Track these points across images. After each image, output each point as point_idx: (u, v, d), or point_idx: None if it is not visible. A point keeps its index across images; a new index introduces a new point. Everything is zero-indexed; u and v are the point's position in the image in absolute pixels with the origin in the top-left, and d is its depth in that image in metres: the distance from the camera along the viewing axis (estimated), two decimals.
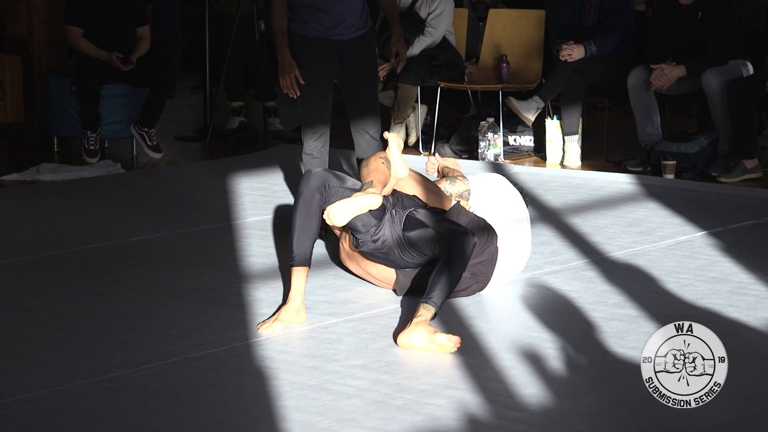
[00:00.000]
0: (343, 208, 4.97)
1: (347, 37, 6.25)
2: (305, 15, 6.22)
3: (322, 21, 6.20)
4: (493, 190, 5.59)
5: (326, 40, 6.22)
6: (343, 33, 6.24)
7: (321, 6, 6.18)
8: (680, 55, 8.10)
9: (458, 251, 4.98)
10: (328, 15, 6.20)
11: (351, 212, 4.99)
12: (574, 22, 8.59)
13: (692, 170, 7.95)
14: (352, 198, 4.99)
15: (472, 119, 8.83)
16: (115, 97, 8.82)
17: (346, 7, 6.21)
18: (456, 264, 4.94)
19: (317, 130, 6.29)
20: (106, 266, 5.83)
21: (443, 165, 5.90)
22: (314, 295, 5.29)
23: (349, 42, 6.25)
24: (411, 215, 5.17)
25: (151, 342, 4.72)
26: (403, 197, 5.29)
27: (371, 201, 5.01)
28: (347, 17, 6.22)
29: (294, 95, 6.22)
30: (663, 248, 6.10)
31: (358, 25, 6.27)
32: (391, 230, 5.16)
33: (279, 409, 4.06)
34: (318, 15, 6.19)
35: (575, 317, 5.04)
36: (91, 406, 4.10)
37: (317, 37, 6.22)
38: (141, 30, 8.88)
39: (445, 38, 8.91)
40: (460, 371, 4.40)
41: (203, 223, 6.68)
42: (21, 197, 7.54)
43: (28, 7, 9.47)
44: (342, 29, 6.23)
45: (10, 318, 5.03)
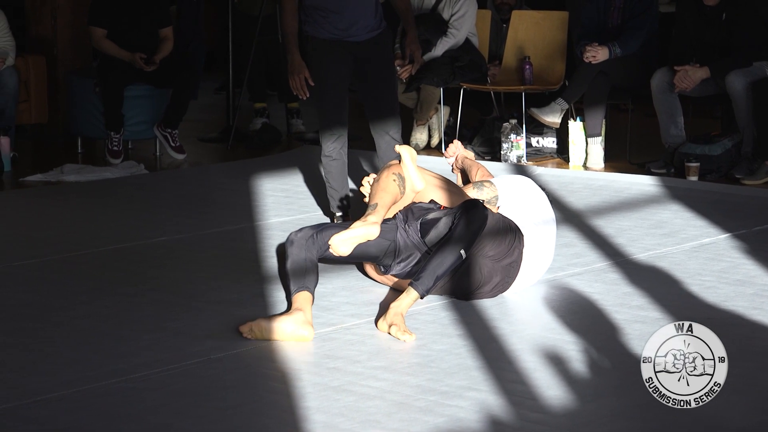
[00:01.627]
0: (344, 240, 4.96)
1: (362, 39, 6.24)
2: (318, 17, 6.21)
3: (336, 23, 6.19)
4: (519, 191, 5.58)
5: (340, 41, 6.22)
6: (357, 34, 6.23)
7: (334, 8, 6.17)
8: (704, 57, 8.07)
9: (466, 219, 4.98)
10: (341, 16, 6.18)
11: (352, 242, 4.99)
12: (598, 24, 8.58)
13: (716, 172, 7.92)
14: (351, 229, 4.97)
15: (495, 121, 8.83)
16: (139, 98, 8.85)
17: (359, 8, 6.20)
18: (460, 235, 4.96)
19: (335, 132, 6.29)
20: (129, 267, 5.85)
21: (463, 156, 5.88)
22: (336, 297, 5.30)
23: (363, 43, 6.24)
24: (423, 221, 5.18)
25: (174, 342, 4.73)
26: (412, 209, 5.27)
27: (368, 232, 4.98)
28: (360, 18, 6.21)
29: (303, 96, 6.23)
30: (686, 250, 6.08)
31: (372, 26, 6.26)
32: (407, 240, 5.18)
33: (301, 410, 4.06)
34: (331, 17, 6.19)
35: (598, 319, 5.03)
36: (114, 406, 4.12)
37: (331, 39, 6.22)
38: (164, 31, 8.91)
39: (468, 40, 8.91)
40: (482, 373, 4.39)
41: (226, 224, 6.69)
42: (45, 198, 7.57)
43: (52, 8, 9.52)
44: (356, 30, 6.22)
45: (35, 317, 5.05)
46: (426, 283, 4.93)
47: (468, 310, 5.09)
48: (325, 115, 6.28)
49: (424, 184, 5.32)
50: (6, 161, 8.22)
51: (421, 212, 5.24)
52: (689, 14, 8.23)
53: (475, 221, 5.02)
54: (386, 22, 6.39)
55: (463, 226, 5.00)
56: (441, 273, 4.95)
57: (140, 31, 8.78)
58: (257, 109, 9.83)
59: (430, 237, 5.14)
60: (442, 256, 4.95)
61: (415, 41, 6.43)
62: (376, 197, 5.12)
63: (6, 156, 8.22)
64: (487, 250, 5.15)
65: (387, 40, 6.39)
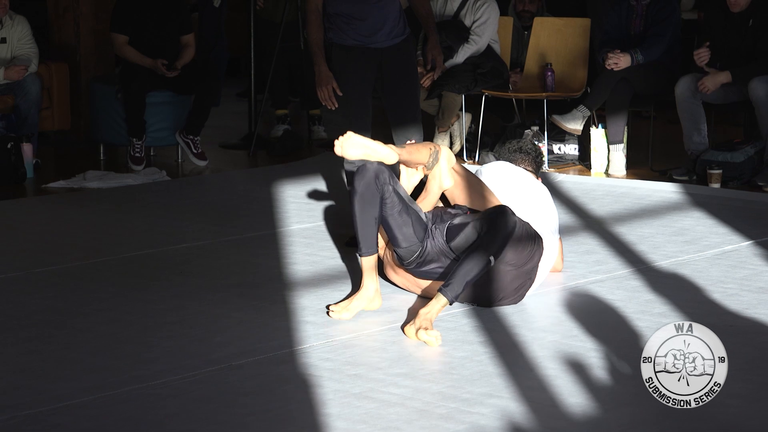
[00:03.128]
0: (358, 143, 5.07)
1: (386, 45, 6.23)
2: (342, 24, 6.20)
3: (359, 29, 6.19)
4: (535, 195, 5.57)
5: (364, 48, 6.22)
6: (381, 41, 6.22)
7: (358, 14, 6.17)
8: (728, 62, 8.05)
9: (495, 225, 5.02)
10: (365, 23, 6.18)
11: (363, 151, 5.09)
12: (620, 31, 8.56)
13: (738, 179, 7.90)
14: (371, 141, 5.08)
15: (517, 128, 8.82)
16: (161, 105, 8.87)
17: (382, 15, 6.19)
18: (490, 241, 4.99)
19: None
20: (151, 273, 5.86)
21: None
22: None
23: (387, 50, 6.24)
24: (450, 226, 5.19)
25: (195, 349, 4.74)
26: (441, 214, 5.30)
27: (387, 153, 5.09)
28: (384, 24, 6.20)
29: (332, 107, 6.22)
30: (708, 258, 6.06)
31: (396, 32, 6.25)
32: (434, 246, 5.21)
33: (322, 417, 4.06)
34: (354, 23, 6.18)
35: (620, 327, 5.02)
36: (136, 412, 4.13)
37: (355, 45, 6.22)
38: (186, 38, 8.93)
39: (489, 46, 8.91)
40: (504, 380, 4.39)
41: (248, 230, 6.70)
42: (67, 204, 7.60)
43: (75, 15, 9.55)
44: (380, 36, 6.21)
45: (57, 324, 5.07)
46: (455, 290, 4.94)
47: (489, 317, 5.09)
48: (350, 121, 6.28)
49: (452, 184, 5.36)
50: (29, 168, 8.25)
51: (449, 217, 5.26)
52: (716, 20, 8.21)
53: (505, 228, 5.03)
54: (410, 29, 6.39)
55: (493, 233, 5.01)
56: (470, 279, 4.96)
57: (162, 38, 8.81)
58: (279, 115, 9.84)
59: (456, 242, 5.15)
60: (472, 263, 4.96)
61: (437, 47, 6.43)
62: (405, 148, 5.26)
63: (29, 163, 8.26)
64: (509, 258, 5.15)
65: (410, 46, 6.38)
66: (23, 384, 4.38)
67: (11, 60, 8.64)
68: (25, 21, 8.78)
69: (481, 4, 8.87)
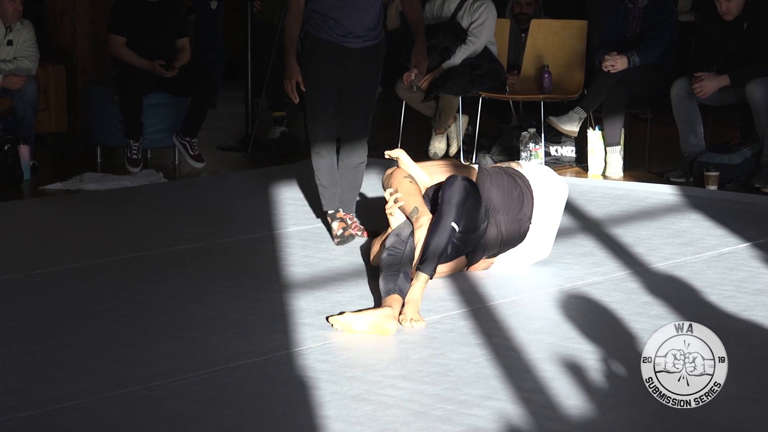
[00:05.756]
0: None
1: (357, 47, 6.35)
2: (319, 20, 6.34)
3: (334, 28, 6.32)
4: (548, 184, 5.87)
5: (336, 45, 6.33)
6: (352, 42, 6.34)
7: (335, 15, 6.30)
8: (724, 66, 8.06)
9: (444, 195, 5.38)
10: (341, 24, 6.31)
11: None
12: (617, 33, 8.57)
13: (735, 181, 7.90)
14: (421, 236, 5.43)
15: (514, 129, 8.82)
16: (158, 107, 8.87)
17: (359, 18, 6.32)
18: (445, 212, 5.34)
19: (325, 129, 6.42)
20: (148, 275, 5.86)
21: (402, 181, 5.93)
22: (355, 305, 5.30)
23: (357, 51, 6.36)
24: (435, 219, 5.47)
25: (193, 351, 4.74)
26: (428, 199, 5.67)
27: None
28: (359, 27, 6.33)
29: (295, 100, 6.39)
30: (706, 260, 6.07)
31: (370, 36, 6.38)
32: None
33: (320, 419, 4.06)
34: (330, 22, 6.31)
35: (617, 329, 5.02)
36: (133, 415, 4.13)
37: (329, 40, 6.34)
38: (181, 41, 8.94)
39: (486, 48, 8.91)
40: (501, 382, 4.39)
41: (245, 232, 6.70)
42: (64, 206, 7.60)
43: (72, 18, 9.56)
44: (351, 38, 6.34)
45: (54, 326, 5.07)
46: (431, 265, 5.24)
47: (486, 319, 5.10)
48: (315, 111, 6.41)
49: (429, 176, 5.76)
50: (26, 170, 8.25)
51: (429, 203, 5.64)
52: (711, 23, 8.22)
53: (454, 194, 5.37)
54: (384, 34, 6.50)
55: (445, 203, 5.36)
56: (441, 250, 5.29)
57: (158, 41, 8.82)
58: (276, 117, 9.84)
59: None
60: (437, 236, 5.31)
61: (423, 52, 6.52)
62: (411, 202, 5.56)
63: (26, 164, 8.26)
64: (499, 207, 5.62)
65: (381, 50, 6.49)
66: (20, 386, 4.38)
67: (13, 60, 8.66)
68: (31, 26, 8.83)
69: (479, 5, 8.88)
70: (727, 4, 8.03)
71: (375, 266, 5.63)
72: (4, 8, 8.65)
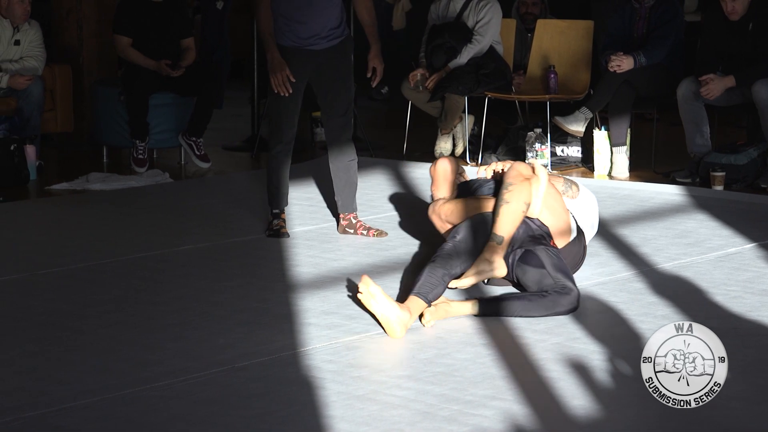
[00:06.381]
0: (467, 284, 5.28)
1: (321, 47, 6.39)
2: (282, 24, 6.36)
3: (298, 32, 6.35)
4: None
5: (300, 49, 6.37)
6: (317, 43, 6.38)
7: (298, 17, 6.33)
8: (730, 66, 8.05)
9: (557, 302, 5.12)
10: (305, 26, 6.34)
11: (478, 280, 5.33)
12: (624, 33, 8.56)
13: (741, 182, 7.90)
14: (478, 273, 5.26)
15: (520, 130, 8.82)
16: (163, 107, 8.88)
17: (323, 18, 6.36)
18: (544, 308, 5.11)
19: (285, 137, 6.48)
20: (154, 275, 5.87)
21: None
22: (360, 305, 5.30)
23: (322, 51, 6.39)
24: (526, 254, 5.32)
25: (199, 351, 4.74)
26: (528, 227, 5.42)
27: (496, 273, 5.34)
28: (323, 28, 6.37)
29: (285, 93, 6.34)
30: (712, 260, 6.06)
31: (333, 35, 6.41)
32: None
33: (326, 419, 4.06)
34: (293, 25, 6.34)
35: (623, 329, 5.02)
36: (139, 415, 4.13)
37: (292, 46, 6.36)
38: (186, 41, 8.95)
39: (492, 47, 8.91)
40: (507, 382, 4.39)
41: (250, 232, 6.70)
42: (70, 206, 7.60)
43: (78, 18, 9.56)
44: (317, 40, 6.38)
45: (60, 326, 5.07)
46: (490, 309, 5.11)
47: (492, 320, 5.09)
48: (279, 119, 6.45)
49: (539, 212, 5.48)
50: (32, 170, 8.26)
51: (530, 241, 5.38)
52: (716, 24, 8.21)
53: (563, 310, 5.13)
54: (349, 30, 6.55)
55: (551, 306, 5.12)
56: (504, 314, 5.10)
57: (162, 41, 8.82)
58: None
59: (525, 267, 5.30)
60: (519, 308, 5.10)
61: (378, 56, 6.54)
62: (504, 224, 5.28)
63: (32, 165, 8.27)
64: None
65: (348, 47, 6.53)
66: (27, 386, 4.39)
67: (20, 60, 8.68)
68: (38, 26, 8.85)
69: (484, 4, 8.88)
70: (733, 3, 8.03)
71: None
72: (12, 9, 8.68)
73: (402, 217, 7.02)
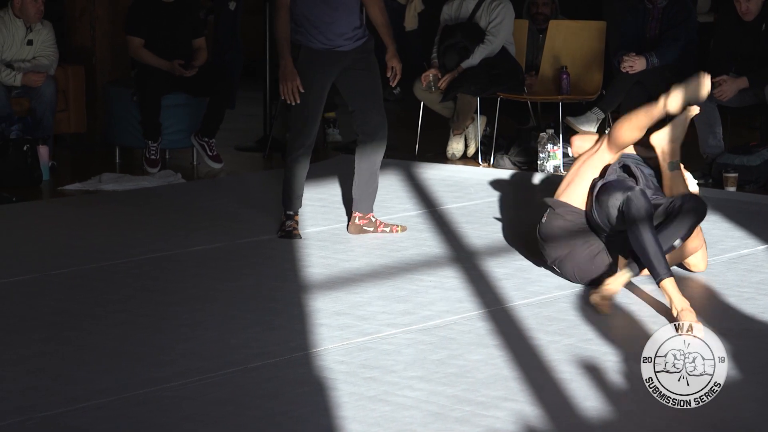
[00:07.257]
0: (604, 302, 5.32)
1: (348, 48, 6.43)
2: (309, 27, 6.39)
3: (326, 33, 6.38)
4: None
5: (329, 51, 6.41)
6: (344, 44, 6.42)
7: (325, 18, 6.37)
8: (743, 67, 8.04)
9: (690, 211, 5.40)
10: (330, 27, 6.38)
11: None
12: (636, 34, 8.55)
13: (754, 183, 7.88)
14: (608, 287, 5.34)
15: (532, 130, 8.81)
16: (176, 107, 8.89)
17: (347, 20, 6.41)
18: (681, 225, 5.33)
19: (307, 139, 6.50)
20: (166, 275, 5.87)
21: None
22: (372, 306, 5.30)
23: (350, 52, 6.44)
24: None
25: (211, 351, 4.74)
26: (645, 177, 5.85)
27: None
28: (348, 29, 6.41)
29: (294, 102, 6.38)
30: (725, 262, 6.05)
31: (357, 35, 6.47)
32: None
33: (337, 420, 4.06)
34: (321, 27, 6.38)
35: (635, 330, 5.01)
36: (152, 415, 4.13)
37: (322, 48, 6.40)
38: (198, 41, 8.96)
39: (504, 48, 8.90)
40: (519, 383, 4.38)
41: (262, 233, 6.70)
42: (83, 206, 7.61)
43: (91, 19, 9.58)
44: (343, 40, 6.42)
45: (73, 326, 5.08)
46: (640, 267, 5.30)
47: (504, 320, 5.09)
48: (304, 121, 6.46)
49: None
50: (45, 170, 8.27)
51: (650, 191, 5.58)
52: (729, 25, 8.20)
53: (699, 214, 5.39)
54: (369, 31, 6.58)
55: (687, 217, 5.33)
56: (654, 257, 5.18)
57: (174, 42, 8.83)
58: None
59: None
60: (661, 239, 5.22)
61: (396, 56, 6.59)
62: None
63: (45, 165, 8.28)
64: None
65: (371, 48, 6.56)
66: (39, 386, 4.39)
67: (32, 59, 8.70)
68: (51, 26, 8.88)
69: (496, 5, 8.87)
70: (747, 4, 8.01)
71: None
72: (26, 9, 8.71)
73: (414, 218, 7.01)
